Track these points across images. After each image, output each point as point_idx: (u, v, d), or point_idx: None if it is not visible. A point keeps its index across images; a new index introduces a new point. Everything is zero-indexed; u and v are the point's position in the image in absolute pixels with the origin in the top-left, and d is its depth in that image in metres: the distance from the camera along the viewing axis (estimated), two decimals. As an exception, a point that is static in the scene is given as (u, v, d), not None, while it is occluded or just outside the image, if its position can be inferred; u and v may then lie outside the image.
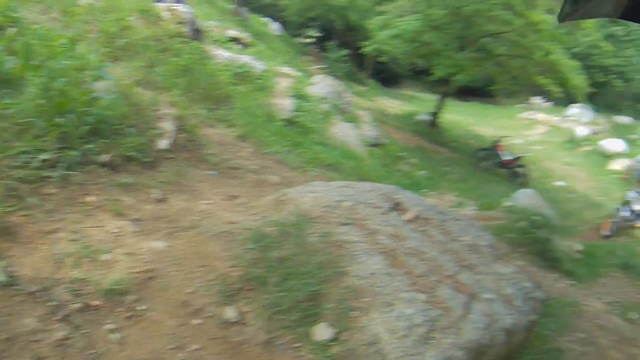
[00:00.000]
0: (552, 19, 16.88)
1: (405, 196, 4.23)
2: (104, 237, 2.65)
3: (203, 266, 2.73)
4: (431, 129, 19.00)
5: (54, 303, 2.12)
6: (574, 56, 29.88)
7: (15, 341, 1.89)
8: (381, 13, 18.92)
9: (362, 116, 14.61)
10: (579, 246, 8.82)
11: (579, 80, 16.67)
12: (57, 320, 2.06)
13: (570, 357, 4.77)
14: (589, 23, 15.72)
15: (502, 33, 16.92)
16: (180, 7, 8.26)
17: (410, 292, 2.80)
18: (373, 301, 2.68)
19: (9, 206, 2.46)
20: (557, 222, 9.28)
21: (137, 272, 2.49)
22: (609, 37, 33.81)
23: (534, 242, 7.40)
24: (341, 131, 10.73)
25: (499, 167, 15.30)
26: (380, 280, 2.85)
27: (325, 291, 2.69)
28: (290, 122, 8.46)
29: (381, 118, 18.08)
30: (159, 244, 2.81)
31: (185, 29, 7.93)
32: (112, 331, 2.15)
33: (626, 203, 10.86)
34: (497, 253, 3.83)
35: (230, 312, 2.48)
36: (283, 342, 2.45)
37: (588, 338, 5.50)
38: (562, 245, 8.07)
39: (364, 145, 11.53)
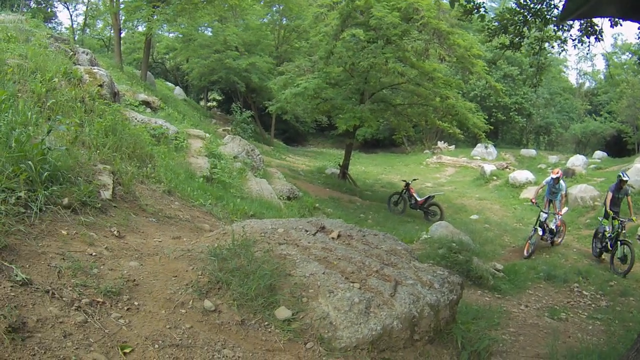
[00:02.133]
0: (444, 66, 18.19)
1: (328, 222, 5.08)
2: (87, 258, 3.07)
3: (175, 276, 3.24)
4: (342, 180, 19.77)
5: (67, 298, 2.51)
6: (473, 99, 32.41)
7: (45, 322, 2.26)
8: (281, 73, 19.74)
9: (273, 172, 15.35)
10: (499, 266, 9.72)
11: (477, 119, 17.77)
12: (74, 309, 2.46)
13: (504, 343, 5.45)
14: (479, 67, 16.77)
15: (398, 84, 17.97)
16: (98, 71, 8.71)
17: (346, 283, 3.53)
18: (318, 291, 3.36)
19: (6, 230, 2.81)
20: (475, 248, 10.06)
21: (125, 280, 2.96)
22: (506, 77, 37.25)
23: (455, 264, 7.96)
24: (256, 186, 11.38)
25: (413, 209, 15.92)
26: (320, 277, 3.54)
27: (278, 285, 3.32)
28: (208, 179, 9.11)
29: (292, 174, 18.77)
30: (133, 263, 3.31)
31: (104, 91, 8.37)
32: (118, 318, 2.58)
33: (540, 224, 11.67)
34: (413, 255, 4.61)
35: (207, 303, 3.00)
36: (254, 322, 3.01)
37: (519, 332, 6.20)
38: (483, 266, 8.71)
39: (279, 198, 12.20)
